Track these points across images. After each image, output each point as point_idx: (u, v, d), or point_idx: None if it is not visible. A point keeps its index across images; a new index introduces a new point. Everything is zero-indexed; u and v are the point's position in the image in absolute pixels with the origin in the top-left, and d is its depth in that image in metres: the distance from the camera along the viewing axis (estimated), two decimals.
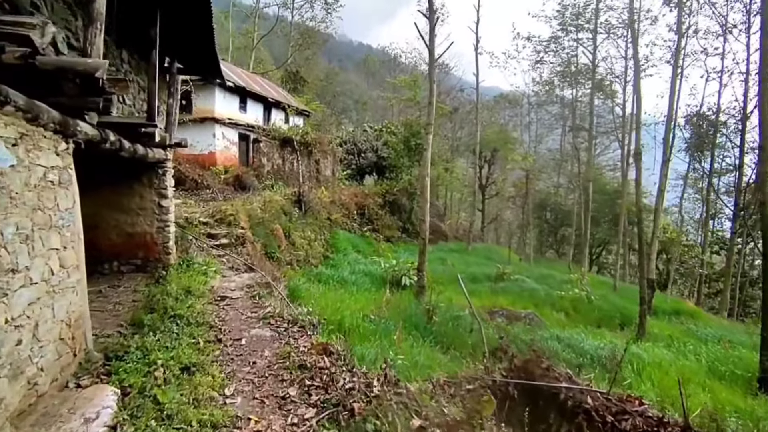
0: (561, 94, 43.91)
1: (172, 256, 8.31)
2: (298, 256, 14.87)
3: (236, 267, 9.59)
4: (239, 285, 7.97)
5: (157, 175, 8.01)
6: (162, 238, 8.14)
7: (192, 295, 6.52)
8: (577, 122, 37.58)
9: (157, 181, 8.02)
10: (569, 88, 40.50)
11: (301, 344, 4.90)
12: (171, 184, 8.36)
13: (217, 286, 7.76)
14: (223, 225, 11.26)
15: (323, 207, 20.79)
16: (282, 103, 25.49)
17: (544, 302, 15.37)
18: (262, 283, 8.15)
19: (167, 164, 8.10)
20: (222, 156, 20.81)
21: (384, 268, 15.33)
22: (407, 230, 28.33)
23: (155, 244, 8.12)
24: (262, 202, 14.39)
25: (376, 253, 22.39)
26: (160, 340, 4.59)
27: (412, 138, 27.11)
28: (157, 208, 8.07)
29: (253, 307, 6.46)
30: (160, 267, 8.06)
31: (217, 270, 9.04)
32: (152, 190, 8.02)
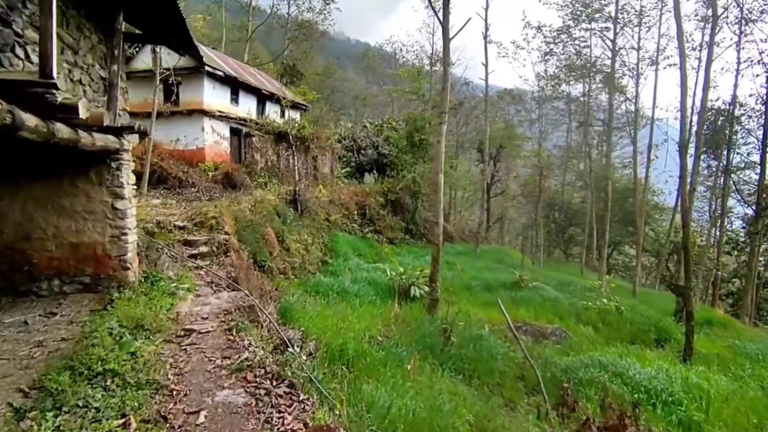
0: (567, 89, 42.36)
1: (131, 271, 6.58)
2: (293, 263, 13.16)
3: (216, 282, 7.87)
4: (215, 309, 6.25)
5: (110, 169, 6.28)
6: (117, 249, 6.42)
7: (144, 330, 4.81)
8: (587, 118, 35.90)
9: (109, 178, 6.29)
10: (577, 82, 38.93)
11: (290, 426, 3.18)
12: (130, 181, 6.62)
13: (185, 311, 6.04)
14: (203, 230, 9.54)
15: (321, 207, 19.09)
16: (277, 96, 23.72)
17: (568, 314, 13.71)
18: (245, 306, 6.43)
19: (123, 156, 6.37)
20: (211, 152, 19.06)
21: (390, 276, 13.63)
22: (411, 231, 26.64)
23: (108, 256, 6.39)
24: (252, 202, 12.68)
25: (379, 257, 20.71)
26: (63, 426, 2.87)
27: (416, 133, 25.40)
28: (110, 212, 6.34)
29: (228, 348, 4.75)
30: (113, 286, 6.34)
31: (190, 287, 7.32)
32: (103, 188, 6.29)
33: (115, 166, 6.31)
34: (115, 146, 5.95)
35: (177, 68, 18.23)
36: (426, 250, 25.15)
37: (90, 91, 5.53)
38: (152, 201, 12.28)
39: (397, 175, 32.52)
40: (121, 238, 6.44)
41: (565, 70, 37.38)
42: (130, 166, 6.65)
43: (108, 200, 6.33)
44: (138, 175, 14.73)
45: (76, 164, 6.00)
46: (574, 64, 35.22)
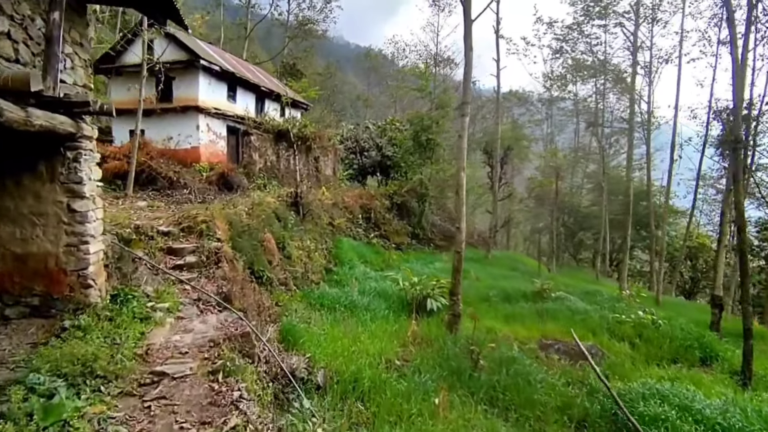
0: (574, 89, 41.17)
1: (94, 289, 5.22)
2: (294, 272, 11.79)
3: (205, 300, 6.51)
4: (199, 339, 4.90)
5: (65, 161, 4.94)
6: (75, 261, 5.07)
7: (94, 378, 3.45)
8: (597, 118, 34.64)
9: (64, 171, 4.95)
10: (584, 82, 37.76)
11: None
12: (93, 176, 5.29)
13: (160, 343, 4.68)
14: (191, 236, 8.19)
15: (324, 210, 17.75)
16: (276, 93, 22.42)
17: (600, 328, 12.32)
18: (238, 333, 5.07)
19: (83, 144, 5.04)
20: (206, 151, 17.74)
21: (403, 287, 12.26)
22: (417, 236, 25.27)
23: (63, 271, 5.04)
24: (249, 205, 11.34)
25: (386, 264, 19.36)
26: None
27: (423, 133, 24.08)
28: (65, 215, 5.00)
29: (210, 404, 3.39)
30: (69, 310, 4.98)
31: (171, 307, 5.96)
32: (56, 185, 4.96)
33: (72, 156, 4.97)
34: (70, 130, 4.61)
35: (170, 62, 17.00)
36: (435, 256, 23.82)
37: (26, 51, 4.19)
38: (137, 203, 10.95)
39: (401, 178, 31.26)
40: (81, 248, 5.08)
41: (573, 71, 36.23)
42: (93, 157, 5.31)
43: (63, 200, 4.99)
44: (123, 175, 13.48)
45: (18, 154, 4.66)
46: (584, 63, 34.04)
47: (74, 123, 4.76)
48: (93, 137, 5.30)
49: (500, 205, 39.30)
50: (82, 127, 4.98)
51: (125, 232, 6.93)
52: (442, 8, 41.18)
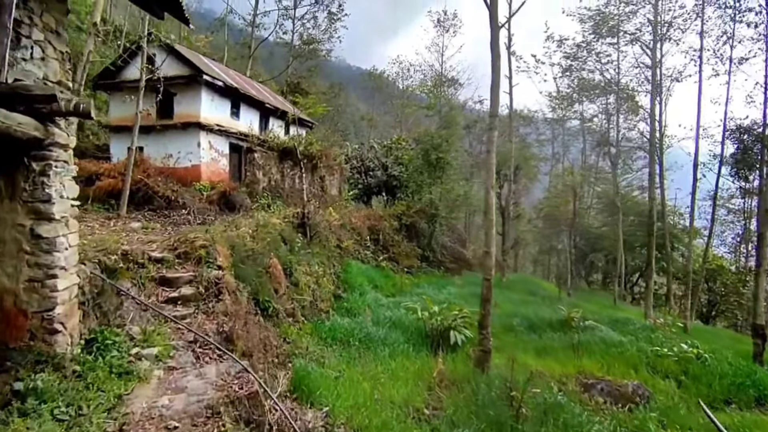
0: (580, 109, 40.65)
1: (63, 335, 4.15)
2: (302, 301, 10.66)
3: (202, 343, 5.40)
4: (193, 404, 3.78)
5: (29, 174, 3.94)
6: (39, 300, 4.01)
7: None
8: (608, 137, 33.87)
9: (28, 187, 3.94)
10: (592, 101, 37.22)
11: None
12: (67, 194, 4.26)
13: (140, 412, 3.57)
14: (188, 263, 7.12)
15: (332, 232, 16.70)
16: (281, 111, 21.66)
17: (640, 363, 11.11)
18: (243, 394, 3.96)
19: (53, 153, 4.04)
20: (208, 169, 16.82)
21: (421, 316, 11.10)
22: (427, 258, 24.14)
23: (22, 313, 3.97)
24: (253, 227, 10.30)
25: (397, 289, 18.21)
26: None
27: (433, 151, 23.23)
28: (27, 242, 3.96)
29: None
30: (29, 363, 3.89)
31: (161, 353, 4.86)
32: (17, 204, 3.93)
33: (39, 168, 3.96)
34: (34, 134, 3.62)
35: (172, 77, 16.28)
36: (446, 279, 22.65)
37: None
38: (130, 224, 9.92)
39: (407, 198, 30.32)
40: (46, 284, 4.02)
41: (579, 90, 35.72)
42: (68, 170, 4.29)
43: (25, 223, 3.96)
44: (117, 193, 12.50)
45: None
46: (591, 82, 33.51)
47: (41, 126, 3.77)
48: (69, 146, 4.30)
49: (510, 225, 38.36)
50: (53, 132, 3.99)
51: (110, 260, 5.87)
52: (447, 29, 41.17)
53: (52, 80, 4.08)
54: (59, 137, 4.09)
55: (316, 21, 35.82)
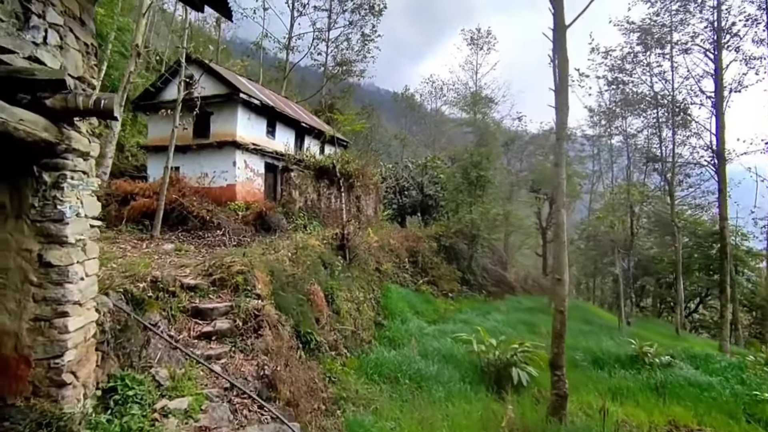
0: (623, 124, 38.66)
1: (72, 388, 3.31)
2: (344, 331, 9.68)
3: (239, 392, 4.49)
4: None
5: (38, 187, 3.19)
6: (46, 345, 3.21)
7: None
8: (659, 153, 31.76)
9: (37, 203, 3.19)
10: (637, 116, 35.29)
11: None
12: (84, 212, 3.51)
13: None
14: (224, 291, 6.30)
15: (370, 254, 15.77)
16: (317, 130, 21.26)
17: (737, 410, 9.45)
18: None
19: (71, 162, 3.31)
20: (243, 189, 16.37)
21: (476, 349, 9.87)
22: (468, 282, 22.78)
23: (24, 360, 3.17)
24: (293, 249, 9.48)
25: (439, 315, 16.99)
26: None
27: (474, 169, 22.15)
28: (34, 270, 3.19)
29: None
30: (30, 424, 3.05)
31: (192, 408, 3.96)
32: (23, 223, 3.19)
33: (51, 180, 3.21)
34: (42, 136, 2.87)
35: (209, 96, 16.13)
36: (489, 304, 21.20)
37: None
38: (163, 246, 9.30)
39: (442, 218, 29.18)
40: (55, 323, 3.22)
41: (623, 105, 33.97)
42: (87, 183, 3.54)
43: (31, 248, 3.19)
44: (152, 213, 12.05)
45: None
46: (637, 95, 31.76)
47: (52, 127, 3.03)
48: (90, 154, 3.56)
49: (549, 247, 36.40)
50: (70, 136, 3.24)
51: (137, 288, 5.10)
52: (481, 47, 40.50)
53: (72, 74, 3.36)
54: (77, 143, 3.34)
55: (349, 43, 35.98)
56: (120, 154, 19.64)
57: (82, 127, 3.50)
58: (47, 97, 2.89)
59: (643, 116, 33.14)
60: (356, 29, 35.39)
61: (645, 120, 33.92)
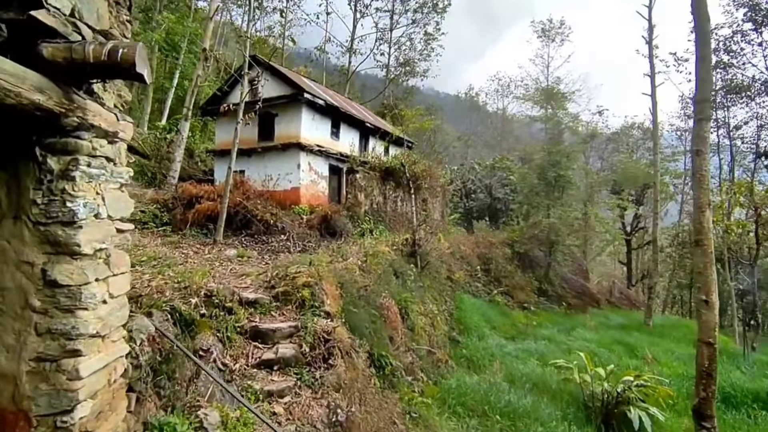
0: (725, 115, 33.97)
1: None
2: (419, 351, 8.47)
3: None
4: None
5: (42, 174, 2.28)
6: (49, 395, 2.29)
7: None
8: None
9: (41, 198, 2.29)
10: (743, 105, 30.77)
11: None
12: (105, 211, 2.57)
13: None
14: (288, 306, 5.35)
15: (441, 262, 14.47)
16: (382, 130, 20.37)
17: None
18: None
19: (86, 142, 2.38)
20: (307, 192, 15.77)
21: (578, 379, 8.21)
22: (545, 292, 20.66)
23: (24, 417, 2.27)
24: (362, 257, 8.45)
25: (518, 331, 15.23)
26: None
27: (552, 168, 20.08)
28: (37, 292, 2.30)
29: None
30: None
31: None
32: (22, 226, 2.30)
33: (59, 168, 2.32)
34: (40, 101, 1.93)
35: (273, 97, 15.78)
36: (571, 318, 18.98)
37: None
38: (226, 251, 8.69)
39: (512, 222, 27.09)
40: (63, 365, 2.32)
41: (725, 92, 29.75)
42: (113, 172, 2.64)
43: (34, 260, 2.31)
44: (215, 217, 11.67)
45: None
46: (742, 82, 27.62)
47: (56, 90, 2.13)
48: (117, 134, 2.66)
49: (634, 254, 32.84)
50: (85, 106, 2.34)
51: (188, 305, 4.25)
52: (553, 38, 37.72)
53: (94, 26, 2.46)
54: (98, 117, 2.44)
55: (412, 42, 34.98)
56: (190, 160, 20.01)
57: (106, 97, 2.61)
58: (40, 43, 1.98)
59: (751, 105, 28.82)
60: (419, 28, 34.34)
61: (752, 110, 29.53)
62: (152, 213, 10.82)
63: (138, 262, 7.16)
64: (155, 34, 18.45)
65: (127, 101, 2.88)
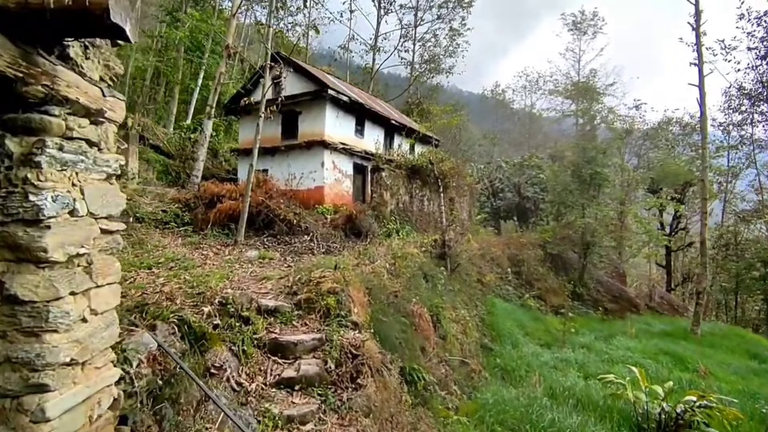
0: None
1: None
2: (452, 362, 7.81)
3: None
4: None
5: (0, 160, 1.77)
6: None
7: None
8: None
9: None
10: None
11: None
12: (90, 208, 2.05)
13: None
14: (311, 315, 4.82)
15: (471, 264, 13.74)
16: (407, 128, 19.75)
17: None
18: None
19: (58, 118, 1.85)
20: (331, 192, 15.30)
21: (632, 397, 7.38)
22: (580, 296, 19.59)
23: None
24: (390, 259, 7.86)
25: (553, 338, 14.33)
26: None
27: (587, 165, 19.00)
28: None
29: None
30: None
31: None
32: None
33: (20, 150, 1.81)
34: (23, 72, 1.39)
35: (297, 95, 15.42)
36: (610, 325, 17.84)
37: None
38: (247, 253, 8.26)
39: (543, 222, 25.98)
40: (25, 404, 1.80)
41: None
42: (93, 160, 2.12)
43: None
44: (237, 217, 11.31)
45: None
46: None
47: (7, 44, 1.60)
48: (103, 112, 2.15)
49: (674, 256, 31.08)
50: (55, 73, 1.82)
51: (199, 315, 3.75)
52: (584, 31, 36.23)
53: None
54: (72, 88, 1.93)
55: (437, 39, 34.14)
56: (214, 159, 19.91)
57: (87, 67, 2.10)
58: None
59: None
60: (444, 23, 33.48)
61: None
62: (173, 212, 10.53)
63: (155, 264, 6.81)
64: (179, 32, 18.39)
65: (118, 74, 2.37)
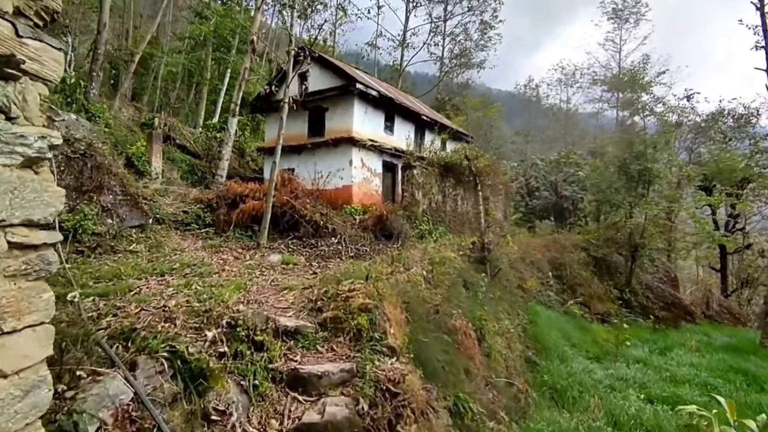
0: None
1: None
2: (498, 383, 6.84)
3: None
4: None
5: None
6: None
7: None
8: None
9: None
10: None
11: None
12: None
13: None
14: (339, 339, 3.99)
15: (511, 267, 12.65)
16: (439, 124, 18.80)
17: None
18: None
19: None
20: (360, 191, 14.55)
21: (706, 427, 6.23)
22: (628, 303, 18.05)
23: None
24: (427, 265, 6.96)
25: (599, 348, 13.05)
26: None
27: (634, 161, 17.48)
28: None
29: None
30: None
31: None
32: None
33: None
34: None
35: (324, 90, 14.78)
36: (664, 335, 16.26)
37: None
38: (269, 257, 7.55)
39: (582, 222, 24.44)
40: None
41: None
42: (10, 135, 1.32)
43: None
44: (261, 217, 10.64)
45: None
46: None
47: None
48: (16, 60, 1.34)
49: (730, 259, 28.72)
50: None
51: (202, 343, 2.96)
52: (626, 19, 34.12)
53: None
54: None
55: (467, 33, 32.93)
56: (241, 159, 19.54)
57: None
58: None
59: None
60: (475, 16, 32.23)
61: None
62: (195, 213, 10.00)
63: (168, 270, 6.17)
64: (204, 27, 18.12)
65: (53, 9, 1.58)
